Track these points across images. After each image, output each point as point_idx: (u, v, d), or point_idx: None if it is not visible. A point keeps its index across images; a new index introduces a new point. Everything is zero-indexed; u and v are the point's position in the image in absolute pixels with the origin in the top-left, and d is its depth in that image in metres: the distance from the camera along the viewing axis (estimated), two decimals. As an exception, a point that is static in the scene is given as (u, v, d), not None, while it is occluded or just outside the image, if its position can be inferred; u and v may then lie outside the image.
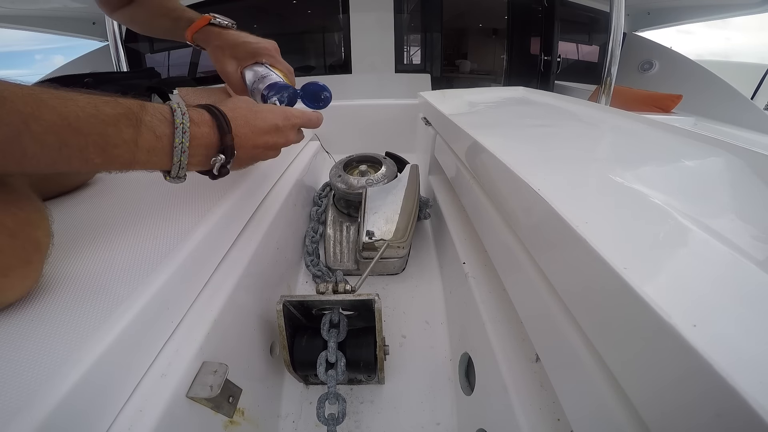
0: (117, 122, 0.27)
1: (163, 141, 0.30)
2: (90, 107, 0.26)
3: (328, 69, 2.61)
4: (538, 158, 0.42)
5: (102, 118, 0.26)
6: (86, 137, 0.26)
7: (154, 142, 0.29)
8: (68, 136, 0.25)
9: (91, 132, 0.26)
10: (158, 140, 0.30)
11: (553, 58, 2.69)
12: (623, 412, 0.21)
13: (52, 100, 0.24)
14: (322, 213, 0.80)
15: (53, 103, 0.24)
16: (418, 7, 2.61)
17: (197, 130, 0.32)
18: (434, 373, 0.52)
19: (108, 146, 0.27)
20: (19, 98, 0.23)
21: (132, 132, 0.28)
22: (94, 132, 0.26)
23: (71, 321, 0.26)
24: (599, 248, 0.22)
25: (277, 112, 0.40)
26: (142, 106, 0.29)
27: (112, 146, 0.27)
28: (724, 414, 0.15)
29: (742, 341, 0.16)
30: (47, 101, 0.24)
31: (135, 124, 0.28)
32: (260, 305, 0.48)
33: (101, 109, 0.26)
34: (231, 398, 0.34)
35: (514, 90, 1.08)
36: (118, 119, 0.27)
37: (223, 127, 0.33)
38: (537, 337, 0.32)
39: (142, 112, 0.29)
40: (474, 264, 0.52)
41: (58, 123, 0.24)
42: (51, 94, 0.24)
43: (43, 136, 0.24)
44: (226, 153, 0.34)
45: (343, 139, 1.18)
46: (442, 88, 1.28)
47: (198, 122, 0.32)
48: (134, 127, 0.28)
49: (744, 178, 0.38)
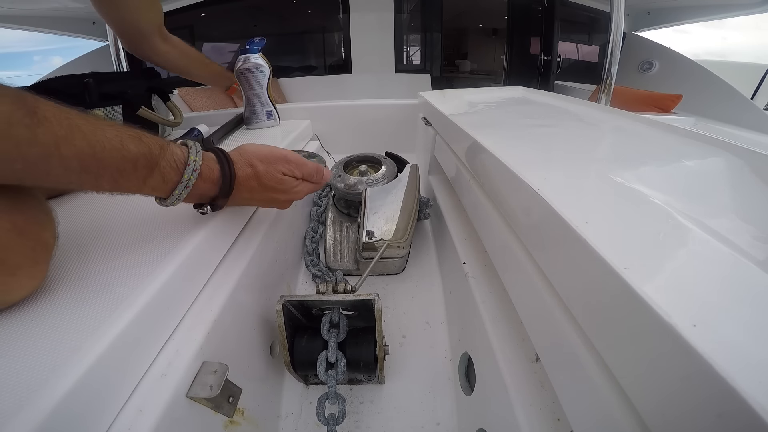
0: (136, 161, 0.29)
1: (168, 186, 0.32)
2: (116, 140, 0.27)
3: (328, 69, 2.62)
4: (538, 158, 0.42)
5: (124, 154, 0.28)
6: (105, 169, 0.27)
7: (161, 185, 0.32)
8: (91, 163, 0.26)
9: (110, 165, 0.27)
10: (164, 184, 0.32)
11: (553, 58, 2.69)
12: (623, 412, 0.21)
13: (85, 126, 0.25)
14: (322, 213, 0.80)
15: (85, 129, 0.25)
16: (418, 7, 2.61)
17: (202, 185, 0.34)
18: (434, 373, 0.52)
19: (121, 179, 0.29)
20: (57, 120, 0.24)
21: (146, 173, 0.30)
22: (113, 166, 0.27)
23: (71, 320, 0.26)
24: (599, 248, 0.22)
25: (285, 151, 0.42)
26: (162, 149, 0.31)
27: (125, 180, 0.29)
28: (725, 414, 0.14)
29: (743, 341, 0.16)
30: (81, 127, 0.25)
31: (151, 166, 0.30)
32: (260, 305, 0.48)
33: (126, 145, 0.28)
34: (231, 398, 0.34)
35: (514, 90, 1.08)
36: (138, 159, 0.29)
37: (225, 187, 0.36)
38: (537, 337, 0.32)
39: (160, 156, 0.31)
40: (474, 264, 0.52)
41: (85, 151, 0.25)
42: (84, 120, 0.26)
43: (69, 160, 0.25)
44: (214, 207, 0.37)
45: (343, 139, 1.18)
46: (442, 88, 1.28)
47: (205, 178, 0.34)
48: (149, 169, 0.30)
49: (744, 178, 0.38)
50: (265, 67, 0.91)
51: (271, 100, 0.96)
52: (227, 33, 2.57)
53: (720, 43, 21.52)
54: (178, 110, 0.91)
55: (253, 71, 0.90)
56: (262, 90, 0.93)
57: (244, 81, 0.91)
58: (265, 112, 0.96)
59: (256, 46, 0.90)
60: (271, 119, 0.97)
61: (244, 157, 0.38)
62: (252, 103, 0.94)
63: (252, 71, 0.90)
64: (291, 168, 0.41)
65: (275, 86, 2.34)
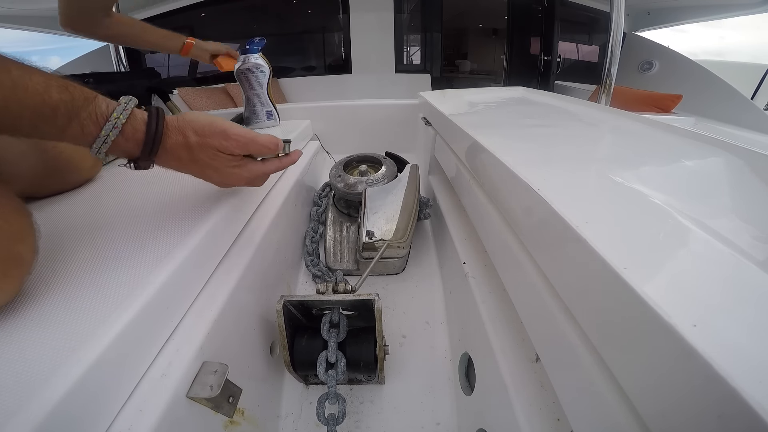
0: (56, 108, 0.29)
1: (87, 138, 0.31)
2: (41, 85, 0.28)
3: (328, 69, 2.61)
4: (538, 158, 0.42)
5: (45, 99, 0.28)
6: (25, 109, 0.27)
7: (80, 136, 0.31)
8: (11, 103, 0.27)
9: (29, 107, 0.28)
10: (84, 136, 0.31)
11: (553, 58, 2.69)
12: (623, 412, 0.21)
13: (15, 69, 0.27)
14: (322, 213, 0.80)
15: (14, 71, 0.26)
16: (418, 7, 2.61)
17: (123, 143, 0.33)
18: (434, 373, 0.52)
19: (40, 124, 0.29)
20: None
21: (65, 121, 0.30)
22: (32, 108, 0.28)
23: (71, 320, 0.26)
24: (599, 248, 0.22)
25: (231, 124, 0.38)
26: (86, 100, 0.31)
27: (44, 124, 0.29)
28: (725, 414, 0.14)
29: (743, 341, 0.16)
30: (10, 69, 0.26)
31: (71, 116, 0.30)
32: (260, 305, 0.48)
33: (49, 91, 0.28)
34: (231, 398, 0.34)
35: (514, 90, 1.08)
36: (58, 106, 0.29)
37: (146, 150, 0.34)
38: (537, 337, 0.32)
39: (83, 107, 0.30)
40: (474, 264, 0.52)
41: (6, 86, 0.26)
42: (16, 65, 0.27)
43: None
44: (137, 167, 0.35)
45: (343, 139, 1.18)
46: (442, 88, 1.28)
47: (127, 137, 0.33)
48: (68, 118, 0.30)
49: (744, 178, 0.38)
50: (265, 67, 0.91)
51: (271, 100, 0.96)
52: (227, 33, 2.57)
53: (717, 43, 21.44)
54: (178, 110, 0.91)
55: (253, 71, 0.90)
56: (262, 90, 0.93)
57: (244, 81, 0.91)
58: (265, 112, 0.96)
59: (256, 46, 0.90)
60: (271, 119, 0.97)
61: (179, 124, 0.36)
62: (252, 103, 0.94)
63: (252, 71, 0.90)
64: (228, 145, 0.37)
65: (275, 86, 2.34)
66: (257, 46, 0.91)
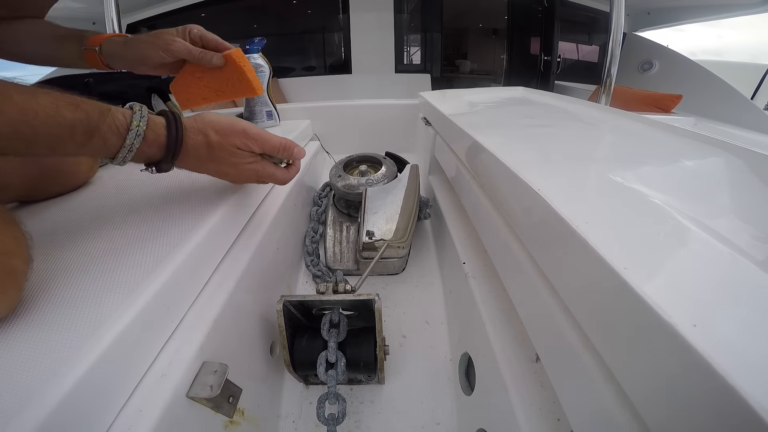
0: (73, 128, 0.29)
1: (111, 150, 0.32)
2: (51, 108, 0.27)
3: (328, 69, 2.61)
4: (538, 158, 0.42)
5: (59, 121, 0.28)
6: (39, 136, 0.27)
7: (102, 149, 0.32)
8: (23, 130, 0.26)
9: (44, 132, 0.27)
10: (107, 148, 0.32)
11: (553, 58, 2.69)
12: (623, 412, 0.21)
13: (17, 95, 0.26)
14: (322, 213, 0.80)
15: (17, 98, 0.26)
16: (418, 7, 2.61)
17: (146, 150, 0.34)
18: (434, 373, 0.52)
19: (58, 145, 0.29)
20: None
21: (84, 138, 0.30)
22: (47, 132, 0.28)
23: (71, 321, 0.26)
24: (599, 248, 0.22)
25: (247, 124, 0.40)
26: (102, 114, 0.31)
27: (62, 145, 0.29)
28: (725, 414, 0.15)
29: (742, 341, 0.16)
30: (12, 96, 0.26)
31: (90, 132, 0.30)
32: (260, 305, 0.48)
33: (61, 112, 0.28)
34: (231, 398, 0.34)
35: (514, 90, 1.08)
36: (74, 125, 0.29)
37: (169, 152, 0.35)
38: (537, 337, 0.32)
39: (100, 121, 0.31)
40: (474, 264, 0.52)
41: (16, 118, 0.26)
42: (17, 89, 0.26)
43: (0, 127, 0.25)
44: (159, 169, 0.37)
45: (343, 139, 1.18)
46: (442, 88, 1.28)
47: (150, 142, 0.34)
48: (87, 135, 0.30)
49: (744, 178, 0.38)
50: (265, 67, 0.91)
51: (271, 100, 0.96)
52: (227, 33, 2.55)
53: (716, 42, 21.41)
54: (178, 110, 0.91)
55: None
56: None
57: None
58: (265, 112, 0.96)
59: (256, 47, 0.90)
60: (271, 119, 0.97)
61: (199, 125, 0.37)
62: (252, 102, 0.94)
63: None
64: (248, 142, 0.40)
65: (275, 86, 2.34)
66: (257, 47, 0.91)
